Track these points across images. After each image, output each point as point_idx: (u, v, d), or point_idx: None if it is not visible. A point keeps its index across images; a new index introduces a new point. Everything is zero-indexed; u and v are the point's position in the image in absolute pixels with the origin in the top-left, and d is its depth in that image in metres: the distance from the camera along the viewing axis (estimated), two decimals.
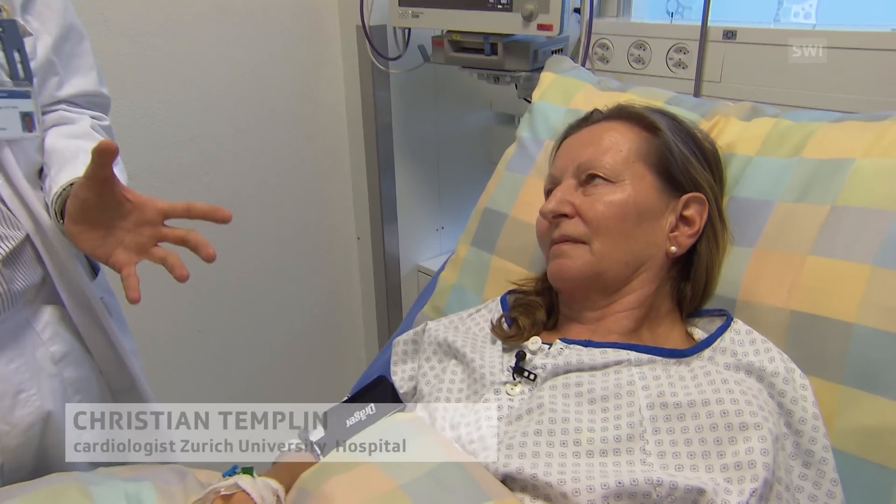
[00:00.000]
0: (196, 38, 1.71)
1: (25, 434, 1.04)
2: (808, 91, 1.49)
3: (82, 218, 0.95)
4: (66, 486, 0.93)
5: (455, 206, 2.19)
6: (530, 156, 1.36)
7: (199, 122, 1.71)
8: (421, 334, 1.16)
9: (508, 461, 0.86)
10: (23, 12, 1.02)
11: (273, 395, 2.09)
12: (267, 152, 1.92)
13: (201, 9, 1.75)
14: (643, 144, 1.06)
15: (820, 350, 0.96)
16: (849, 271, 0.97)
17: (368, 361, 2.21)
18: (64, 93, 1.12)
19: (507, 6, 1.53)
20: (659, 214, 1.04)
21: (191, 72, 1.70)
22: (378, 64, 1.87)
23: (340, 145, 2.06)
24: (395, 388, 1.10)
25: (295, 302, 2.11)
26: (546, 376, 0.96)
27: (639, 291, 1.03)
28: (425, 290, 1.50)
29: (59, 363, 1.08)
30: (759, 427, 0.82)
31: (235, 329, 1.93)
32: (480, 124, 2.17)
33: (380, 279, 2.12)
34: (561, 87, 1.41)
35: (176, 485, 0.99)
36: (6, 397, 1.01)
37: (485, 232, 1.36)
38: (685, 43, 1.60)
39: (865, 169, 1.02)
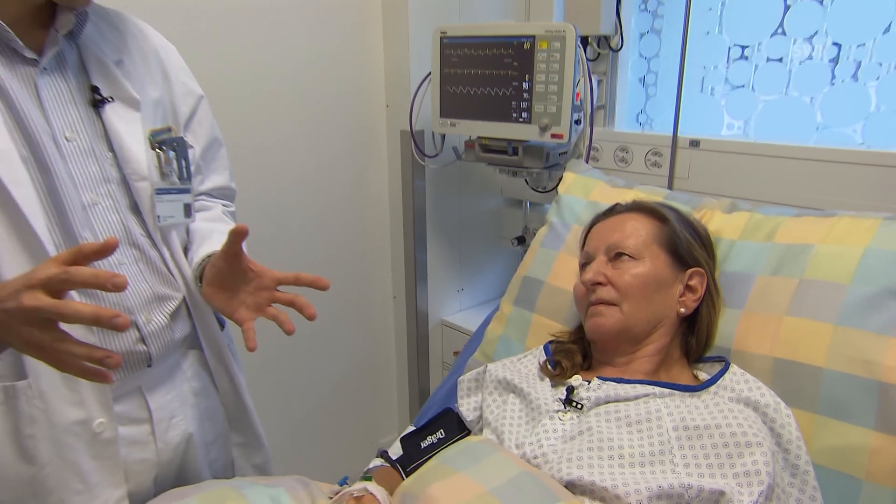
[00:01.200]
0: (270, 142, 1.75)
1: (174, 451, 1.06)
2: (757, 188, 1.55)
3: (216, 282, 0.99)
4: (225, 489, 0.96)
5: (472, 272, 2.20)
6: (560, 236, 1.40)
7: (272, 208, 1.75)
8: (482, 374, 1.18)
9: (570, 471, 0.91)
10: (184, 130, 1.10)
11: (321, 427, 2.06)
12: (324, 228, 1.94)
13: (278, 118, 1.79)
14: (657, 230, 1.12)
15: (798, 387, 1.01)
16: (817, 328, 1.03)
17: (400, 400, 2.25)
18: (204, 187, 1.18)
19: (527, 119, 1.60)
20: (671, 284, 1.10)
21: (267, 168, 1.73)
22: (418, 160, 1.91)
23: (383, 223, 2.08)
24: (462, 416, 1.13)
25: (342, 348, 2.08)
26: (590, 406, 1.01)
27: (657, 342, 1.08)
28: (472, 339, 1.50)
29: (197, 395, 1.11)
30: (760, 445, 0.87)
31: (290, 373, 1.92)
32: (493, 207, 2.19)
33: (411, 331, 2.11)
34: (581, 184, 1.46)
35: (301, 491, 1.02)
36: (163, 421, 1.04)
37: (525, 295, 1.38)
38: (659, 148, 1.69)
39: (823, 252, 1.09)
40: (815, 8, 1.59)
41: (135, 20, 1.06)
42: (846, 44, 1.58)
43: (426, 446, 1.08)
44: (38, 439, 0.90)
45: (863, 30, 1.55)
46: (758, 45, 1.72)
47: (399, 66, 1.90)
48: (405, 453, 1.09)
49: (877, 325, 0.99)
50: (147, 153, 1.00)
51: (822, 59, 1.62)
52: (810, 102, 1.66)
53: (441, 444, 1.07)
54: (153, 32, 1.08)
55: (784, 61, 1.68)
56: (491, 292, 2.27)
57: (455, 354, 2.01)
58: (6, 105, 0.86)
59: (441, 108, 1.74)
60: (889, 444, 0.93)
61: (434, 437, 1.09)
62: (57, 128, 0.91)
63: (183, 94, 1.09)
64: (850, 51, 1.58)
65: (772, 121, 1.73)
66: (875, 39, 1.53)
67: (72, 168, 0.92)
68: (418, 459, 1.06)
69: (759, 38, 1.70)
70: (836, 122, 1.62)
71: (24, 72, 0.88)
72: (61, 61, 0.92)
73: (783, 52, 1.67)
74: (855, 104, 1.59)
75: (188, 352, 1.11)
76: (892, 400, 0.94)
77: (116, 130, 0.96)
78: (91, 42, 0.96)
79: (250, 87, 1.69)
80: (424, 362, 2.13)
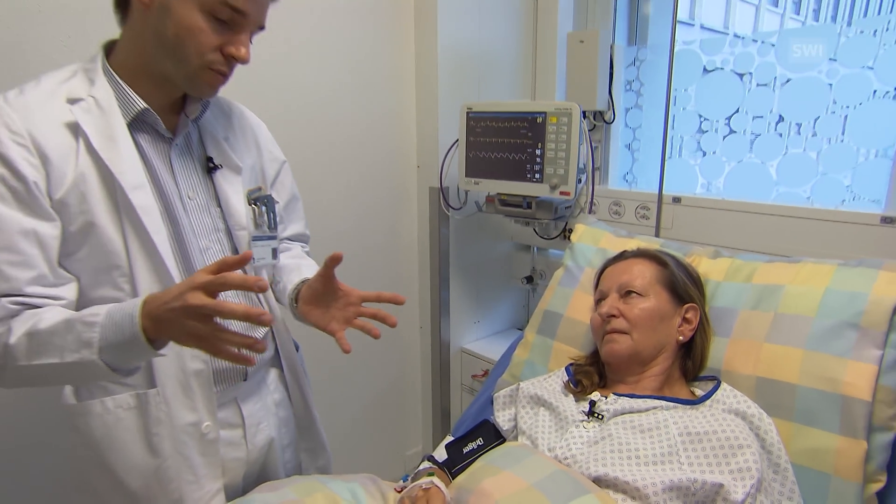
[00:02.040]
0: (323, 196, 1.77)
1: (259, 452, 1.09)
2: (729, 236, 1.59)
3: (312, 300, 1.04)
4: (313, 482, 1.00)
5: (487, 307, 2.19)
6: (575, 277, 1.42)
7: (324, 251, 1.63)
8: (515, 391, 1.21)
9: (597, 469, 0.95)
10: (271, 188, 1.16)
11: (358, 438, 2.05)
12: (364, 268, 1.95)
13: (331, 175, 1.82)
14: (659, 273, 1.17)
15: (777, 401, 1.04)
16: (790, 352, 1.06)
17: (424, 416, 2.24)
18: (286, 234, 1.22)
19: (540, 179, 1.66)
20: (671, 316, 1.13)
21: (321, 217, 1.70)
22: (445, 211, 1.94)
23: (413, 265, 2.10)
24: (498, 426, 1.13)
25: (376, 371, 2.07)
26: (610, 416, 1.04)
27: (661, 364, 1.11)
28: (500, 363, 1.51)
29: (277, 406, 1.14)
30: (749, 447, 0.91)
31: (333, 392, 1.92)
32: (505, 251, 2.20)
33: (435, 356, 2.12)
34: (590, 234, 1.49)
35: (372, 486, 1.05)
36: (252, 427, 1.07)
37: (547, 325, 1.40)
38: (647, 203, 1.74)
39: (792, 292, 1.12)
40: (768, 93, 1.67)
41: (237, 104, 1.14)
42: (795, 121, 1.64)
43: (467, 451, 1.09)
44: (162, 437, 0.95)
45: (808, 111, 1.61)
46: (723, 120, 1.77)
47: (429, 133, 1.94)
48: (450, 457, 1.10)
49: (838, 349, 1.02)
50: (245, 208, 1.05)
51: (776, 133, 1.68)
52: (764, 165, 1.71)
53: (480, 449, 1.09)
54: (250, 114, 1.15)
55: (746, 133, 1.73)
56: (503, 324, 2.25)
57: (473, 378, 2.04)
58: (149, 172, 0.94)
59: (467, 169, 1.79)
60: (851, 446, 0.96)
61: (474, 443, 1.10)
62: (183, 189, 0.98)
63: (270, 161, 1.15)
64: (799, 127, 1.64)
65: (738, 180, 1.76)
66: (818, 118, 1.59)
67: (192, 220, 0.99)
68: (461, 462, 1.07)
69: (724, 115, 1.76)
70: (790, 184, 1.67)
71: (162, 147, 0.97)
72: (188, 139, 1.01)
73: (743, 126, 1.73)
74: (804, 169, 1.64)
75: (270, 370, 1.14)
76: (851, 409, 0.97)
77: (224, 191, 1.03)
78: (208, 123, 1.04)
79: (309, 151, 1.74)
80: (446, 384, 2.12)
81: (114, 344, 0.79)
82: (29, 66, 1.27)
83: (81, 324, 0.80)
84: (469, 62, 1.93)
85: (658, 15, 1.95)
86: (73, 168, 0.86)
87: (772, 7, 2.55)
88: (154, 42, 0.88)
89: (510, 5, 1.98)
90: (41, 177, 0.84)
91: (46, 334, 0.81)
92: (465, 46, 1.91)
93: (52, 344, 0.81)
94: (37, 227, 0.84)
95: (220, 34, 0.88)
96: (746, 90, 1.72)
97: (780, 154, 1.69)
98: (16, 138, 0.83)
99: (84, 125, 0.87)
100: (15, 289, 0.83)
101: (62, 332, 0.81)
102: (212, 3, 0.85)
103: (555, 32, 1.97)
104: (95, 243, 0.89)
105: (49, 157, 0.85)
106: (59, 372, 0.82)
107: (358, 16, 1.79)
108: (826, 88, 1.58)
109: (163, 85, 0.93)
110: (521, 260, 2.18)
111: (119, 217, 0.89)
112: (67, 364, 0.81)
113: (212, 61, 0.89)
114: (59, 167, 0.85)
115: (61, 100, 0.88)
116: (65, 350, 0.80)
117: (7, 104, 0.84)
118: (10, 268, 0.83)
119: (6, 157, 0.82)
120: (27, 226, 0.83)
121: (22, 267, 0.83)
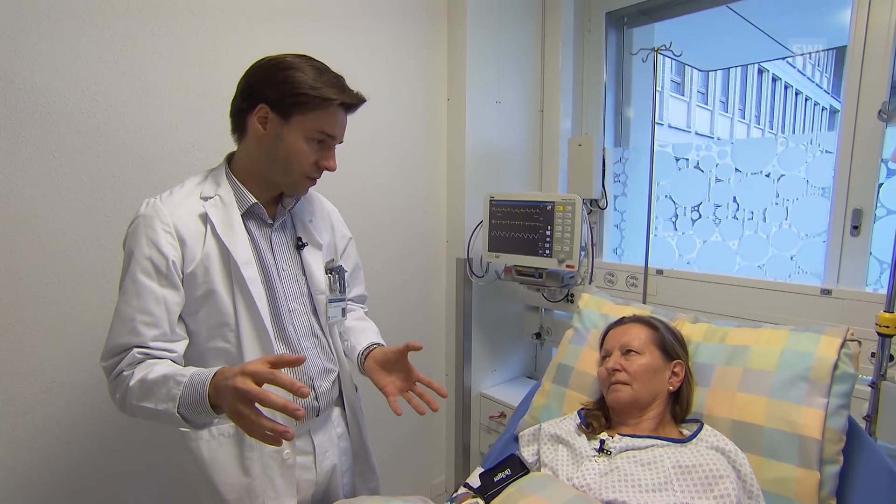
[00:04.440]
0: (368, 267, 1.56)
1: (325, 475, 1.11)
2: (703, 302, 1.67)
3: (381, 364, 1.10)
4: (378, 500, 1.03)
5: (502, 358, 2.18)
6: (583, 337, 1.43)
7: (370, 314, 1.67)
8: (538, 431, 1.23)
9: (608, 495, 0.99)
10: (341, 259, 1.20)
11: (390, 468, 1.99)
12: (401, 327, 1.99)
13: (374, 250, 1.84)
14: (652, 335, 1.21)
15: (749, 439, 1.07)
16: (757, 400, 1.10)
17: (447, 451, 2.21)
18: (351, 295, 1.24)
19: (549, 254, 1.75)
20: (663, 371, 1.17)
21: (367, 284, 1.67)
22: (469, 278, 2.01)
23: (441, 322, 2.13)
24: (524, 460, 1.17)
25: (407, 412, 1.83)
26: (616, 452, 1.07)
27: (656, 409, 1.15)
28: (521, 406, 1.51)
29: (340, 438, 1.16)
30: (728, 476, 0.96)
31: (370, 429, 1.79)
32: (517, 311, 2.22)
33: (458, 400, 2.12)
34: (594, 302, 1.51)
35: None
36: (321, 454, 1.10)
37: (561, 376, 1.41)
38: (635, 274, 1.83)
39: (757, 351, 1.17)
40: (727, 186, 1.79)
41: (316, 193, 1.20)
42: (749, 209, 1.76)
43: (497, 480, 1.12)
44: (252, 460, 1.00)
45: (759, 202, 1.73)
46: (692, 207, 1.90)
47: (457, 214, 2.02)
48: (483, 484, 1.12)
49: (794, 397, 1.06)
50: (324, 277, 1.11)
51: (734, 218, 1.80)
52: (725, 243, 1.82)
53: (508, 479, 1.11)
54: (326, 201, 1.23)
55: (710, 217, 1.85)
56: (515, 372, 2.26)
57: (491, 418, 2.04)
58: (255, 250, 1.02)
59: (489, 245, 1.88)
60: (807, 476, 1.00)
61: (503, 473, 1.13)
62: (279, 263, 1.05)
63: (340, 238, 1.21)
64: (752, 213, 1.76)
65: (707, 255, 1.87)
66: (766, 209, 1.72)
67: (284, 287, 1.05)
68: (493, 489, 1.10)
69: (692, 203, 1.89)
70: (748, 259, 1.77)
71: (265, 231, 1.06)
72: (283, 223, 1.09)
73: (709, 212, 1.85)
74: (758, 248, 1.74)
75: (335, 408, 1.16)
76: (807, 446, 1.02)
77: (308, 263, 1.09)
78: (297, 209, 1.12)
79: (364, 227, 1.80)
80: (467, 423, 2.13)
81: (189, 402, 0.85)
82: (167, 167, 1.42)
83: (173, 381, 0.87)
84: (489, 159, 2.04)
85: (638, 118, 2.10)
86: (201, 248, 0.96)
87: (723, 112, 2.82)
88: (267, 159, 1.00)
89: (522, 114, 2.11)
90: (178, 256, 0.95)
91: (150, 384, 0.88)
92: (486, 145, 2.02)
93: (152, 393, 0.88)
94: (167, 296, 0.94)
95: (315, 153, 1.00)
96: (709, 184, 1.84)
97: (738, 235, 1.79)
98: (165, 227, 0.94)
99: (211, 216, 0.98)
100: (143, 342, 0.92)
101: (160, 384, 0.87)
102: (312, 132, 0.98)
103: (557, 135, 2.10)
104: (213, 305, 0.97)
105: (186, 240, 0.96)
106: (154, 415, 0.88)
107: (403, 121, 1.92)
108: (771, 184, 1.70)
109: (268, 186, 1.04)
110: (531, 319, 2.21)
111: (231, 286, 0.97)
112: (158, 410, 0.87)
113: (309, 172, 1.02)
114: (191, 248, 0.96)
115: (196, 196, 1.00)
116: (158, 399, 0.87)
117: (161, 202, 0.97)
118: (143, 326, 0.92)
119: (156, 241, 0.94)
120: (160, 294, 0.93)
121: (151, 326, 0.93)
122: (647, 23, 2.06)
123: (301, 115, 0.96)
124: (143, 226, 0.94)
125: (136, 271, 0.93)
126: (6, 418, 1.30)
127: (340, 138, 1.03)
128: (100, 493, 1.42)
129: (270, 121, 0.97)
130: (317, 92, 0.95)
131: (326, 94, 0.96)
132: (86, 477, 1.40)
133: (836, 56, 6.35)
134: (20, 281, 1.28)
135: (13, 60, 1.22)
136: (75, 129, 1.31)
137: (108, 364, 0.94)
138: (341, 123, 1.01)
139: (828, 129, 9.04)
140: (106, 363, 0.94)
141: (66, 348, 1.35)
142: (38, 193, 1.28)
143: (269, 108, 0.97)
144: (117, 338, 0.93)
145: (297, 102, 0.95)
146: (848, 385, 1.09)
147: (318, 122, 0.97)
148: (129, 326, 0.92)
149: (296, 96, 0.95)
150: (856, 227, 1.50)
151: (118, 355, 0.93)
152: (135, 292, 0.93)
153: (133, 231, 0.95)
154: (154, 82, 1.40)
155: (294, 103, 0.95)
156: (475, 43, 1.94)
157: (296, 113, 0.96)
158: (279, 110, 0.96)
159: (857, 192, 1.49)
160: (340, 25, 1.72)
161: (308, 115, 0.96)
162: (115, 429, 1.42)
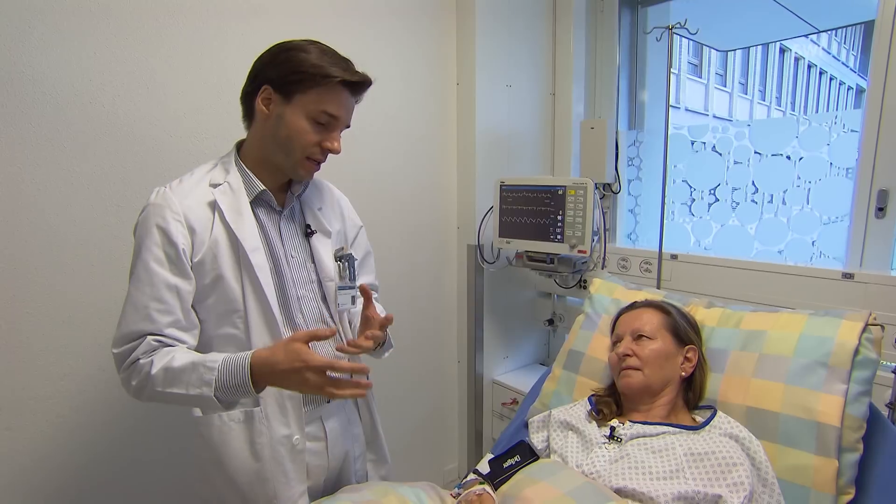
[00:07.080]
0: (380, 254, 1.64)
1: (337, 461, 1.11)
2: (718, 288, 1.64)
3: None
4: (385, 487, 1.03)
5: (514, 344, 2.18)
6: (595, 323, 1.43)
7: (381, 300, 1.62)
8: (548, 417, 1.23)
9: (618, 482, 0.98)
10: (351, 247, 1.19)
11: (405, 455, 2.04)
12: (413, 313, 1.99)
13: (386, 235, 1.84)
14: (664, 320, 1.20)
15: (764, 426, 1.06)
16: (774, 386, 1.09)
17: (460, 438, 2.22)
18: (358, 283, 1.21)
19: (560, 239, 1.73)
20: (675, 356, 1.16)
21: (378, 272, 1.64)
22: (481, 265, 2.00)
23: (452, 309, 2.13)
24: (533, 446, 1.15)
25: (421, 399, 2.07)
26: (626, 439, 1.07)
27: (668, 395, 1.14)
28: (531, 393, 1.51)
29: (351, 423, 1.16)
30: (742, 464, 0.95)
31: (384, 416, 1.78)
32: (529, 298, 2.21)
33: (470, 387, 2.12)
34: (606, 287, 1.50)
35: (432, 492, 1.07)
36: (332, 440, 1.10)
37: (571, 362, 1.41)
38: (649, 259, 1.80)
39: (773, 336, 1.15)
40: (745, 169, 1.75)
41: (326, 182, 1.20)
42: (768, 192, 1.72)
43: (507, 466, 1.12)
44: (263, 445, 1.00)
45: (778, 185, 1.69)
46: (709, 191, 1.85)
47: (468, 200, 2.01)
48: (492, 470, 1.12)
49: (811, 384, 1.05)
50: (333, 264, 1.11)
51: (752, 201, 1.76)
52: (744, 227, 1.78)
53: (518, 465, 1.11)
54: (336, 189, 1.22)
55: (727, 201, 1.81)
56: (528, 359, 2.26)
57: (503, 405, 2.04)
58: (264, 237, 1.02)
59: (500, 231, 1.87)
60: (825, 464, 0.99)
61: (513, 459, 1.13)
62: (287, 250, 1.06)
63: (351, 226, 1.21)
64: (772, 197, 1.72)
65: (724, 240, 1.83)
66: (786, 191, 1.68)
67: (293, 274, 1.05)
68: (502, 475, 1.10)
69: (709, 186, 1.84)
70: (766, 243, 1.73)
71: (274, 218, 1.06)
72: (292, 210, 1.09)
73: (725, 195, 1.81)
74: (777, 231, 1.70)
75: None
76: (825, 434, 1.00)
77: (317, 251, 1.09)
78: (306, 197, 1.12)
79: (375, 215, 1.79)
80: (479, 410, 2.13)
81: (227, 386, 0.90)
82: (180, 153, 1.43)
83: (204, 367, 0.90)
84: (500, 143, 2.01)
85: (652, 101, 2.06)
86: (209, 235, 0.97)
87: (742, 94, 2.71)
88: (271, 140, 1.00)
89: (533, 97, 2.08)
90: (188, 245, 0.95)
91: (178, 371, 0.90)
92: (496, 130, 2.00)
93: (181, 379, 0.90)
94: (178, 284, 0.95)
95: (318, 133, 0.99)
96: (726, 167, 1.79)
97: (756, 219, 1.75)
98: (175, 216, 0.95)
99: (220, 203, 0.99)
100: (158, 329, 0.93)
101: (189, 371, 0.90)
102: (314, 112, 0.97)
103: (569, 119, 2.07)
104: (221, 292, 0.97)
105: (195, 228, 0.96)
106: (182, 400, 0.92)
107: (413, 106, 1.90)
108: (791, 166, 1.66)
109: (275, 172, 1.04)
110: (544, 305, 2.21)
111: (240, 272, 0.98)
112: (189, 395, 0.91)
113: (312, 153, 1.01)
114: (200, 235, 0.96)
115: (206, 184, 1.00)
116: (190, 385, 0.90)
117: (171, 191, 0.98)
118: (157, 313, 0.93)
119: (167, 230, 0.94)
120: (171, 282, 0.94)
121: (165, 313, 0.94)
122: (661, 1, 2.00)
123: (302, 94, 0.96)
124: (153, 215, 0.95)
125: (148, 259, 0.94)
126: (26, 404, 1.33)
127: (346, 121, 1.02)
128: (119, 476, 1.45)
129: (273, 101, 0.98)
130: (317, 70, 0.95)
131: (328, 71, 0.95)
132: (107, 462, 1.43)
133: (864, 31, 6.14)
134: (32, 270, 1.29)
135: (21, 51, 1.23)
136: (84, 119, 1.32)
137: (122, 351, 0.95)
138: (345, 104, 1.00)
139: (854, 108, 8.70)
140: (119, 350, 0.95)
141: (81, 337, 1.37)
142: (48, 183, 1.29)
143: (271, 89, 0.97)
144: (131, 325, 0.94)
145: (298, 80, 0.95)
146: (869, 371, 1.06)
147: (320, 101, 0.97)
148: (143, 314, 0.93)
149: (296, 74, 0.95)
150: (881, 209, 1.45)
151: (132, 342, 0.94)
152: (147, 280, 0.93)
153: (144, 220, 0.96)
154: (162, 71, 1.40)
155: (295, 81, 0.95)
156: (485, 25, 1.91)
157: (297, 92, 0.96)
158: (281, 90, 0.96)
159: (883, 173, 1.43)
160: (348, 10, 1.71)
161: (309, 93, 0.96)
162: (130, 417, 1.44)
